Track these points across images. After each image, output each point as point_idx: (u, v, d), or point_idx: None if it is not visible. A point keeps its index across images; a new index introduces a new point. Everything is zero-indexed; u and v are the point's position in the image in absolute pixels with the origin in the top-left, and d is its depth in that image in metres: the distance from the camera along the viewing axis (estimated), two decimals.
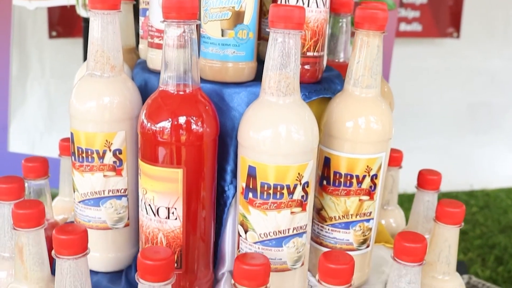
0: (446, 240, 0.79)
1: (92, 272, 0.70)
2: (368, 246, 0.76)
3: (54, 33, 2.07)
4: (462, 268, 1.70)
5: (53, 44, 2.17)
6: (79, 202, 0.74)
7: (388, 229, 0.98)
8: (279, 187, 0.64)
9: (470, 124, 2.77)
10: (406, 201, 0.96)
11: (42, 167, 0.87)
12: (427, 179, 0.90)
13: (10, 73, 1.93)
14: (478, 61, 2.71)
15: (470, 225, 2.53)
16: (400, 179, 1.03)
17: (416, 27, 2.59)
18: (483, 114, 2.77)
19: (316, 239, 0.75)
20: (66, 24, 2.09)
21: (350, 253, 0.67)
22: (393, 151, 0.99)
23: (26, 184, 0.85)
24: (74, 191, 0.75)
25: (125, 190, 0.73)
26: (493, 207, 2.67)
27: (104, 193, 0.73)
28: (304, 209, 0.66)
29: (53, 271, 0.72)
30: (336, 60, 0.92)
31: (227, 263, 0.74)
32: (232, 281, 0.62)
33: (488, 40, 2.71)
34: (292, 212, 0.66)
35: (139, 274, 0.61)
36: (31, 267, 0.71)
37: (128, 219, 0.75)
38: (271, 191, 0.64)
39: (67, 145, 0.93)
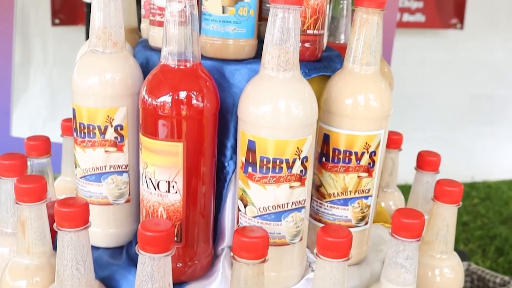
0: (444, 219, 0.80)
1: (93, 248, 0.71)
2: (366, 224, 0.76)
3: (57, 21, 2.09)
4: (462, 257, 1.70)
5: (56, 32, 2.18)
6: (81, 177, 0.75)
7: (387, 211, 0.99)
8: (278, 161, 0.65)
9: (472, 116, 2.77)
10: (407, 192, 0.97)
11: (44, 145, 0.88)
12: (426, 160, 0.91)
13: (12, 60, 1.94)
14: (481, 52, 2.72)
15: (471, 216, 2.54)
16: (402, 169, 1.04)
17: (419, 17, 2.59)
18: (485, 106, 2.78)
19: (315, 216, 0.76)
20: (69, 12, 2.10)
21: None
22: (393, 133, 1.00)
23: (28, 163, 0.86)
24: (76, 167, 0.76)
25: (126, 166, 0.74)
26: (494, 199, 2.68)
27: (105, 169, 0.74)
28: (303, 184, 0.67)
29: (54, 247, 0.73)
30: (337, 42, 0.92)
31: (227, 239, 0.75)
32: (231, 254, 0.63)
33: (492, 31, 2.71)
34: (291, 187, 0.66)
35: (139, 246, 0.62)
36: (33, 241, 0.73)
37: (129, 195, 0.76)
38: (270, 165, 0.65)
39: (70, 125, 0.94)
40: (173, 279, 0.65)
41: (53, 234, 0.75)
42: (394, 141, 0.99)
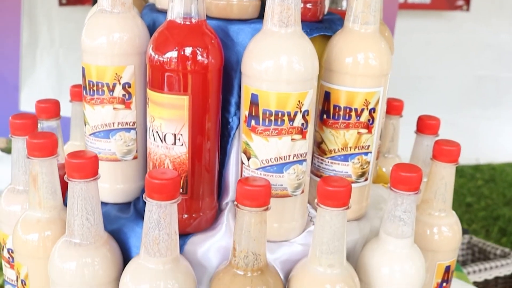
0: (442, 178, 0.83)
1: (102, 203, 0.74)
2: (366, 180, 0.79)
3: (64, 1, 2.11)
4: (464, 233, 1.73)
5: (63, 12, 2.21)
6: (90, 134, 0.78)
7: (388, 176, 1.01)
8: (280, 114, 0.68)
9: (477, 98, 2.79)
10: None
11: (54, 108, 0.92)
12: (426, 123, 0.94)
13: (21, 41, 1.97)
14: (486, 35, 2.72)
15: (475, 197, 2.56)
16: (406, 148, 1.06)
17: None
18: (490, 88, 2.79)
19: (316, 172, 0.79)
20: None
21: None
22: (394, 100, 1.02)
23: (39, 125, 0.89)
24: (85, 125, 0.79)
25: (134, 123, 0.77)
26: (498, 181, 2.70)
27: (113, 125, 0.77)
28: (304, 137, 0.70)
29: (65, 203, 0.77)
30: (339, 8, 0.95)
31: (231, 193, 0.77)
32: (235, 202, 0.66)
33: (498, 14, 2.72)
34: (292, 139, 0.69)
35: (147, 194, 0.65)
36: (44, 195, 0.76)
37: (137, 152, 0.79)
38: (272, 118, 0.68)
39: (78, 91, 0.97)
40: (179, 231, 0.68)
41: (64, 191, 0.79)
42: (395, 107, 1.01)
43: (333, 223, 0.67)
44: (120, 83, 0.75)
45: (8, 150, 1.85)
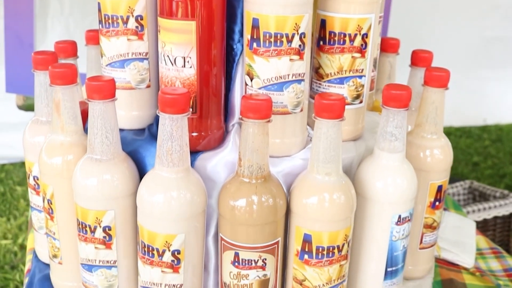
0: (433, 102, 0.91)
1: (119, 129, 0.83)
2: (361, 102, 0.87)
3: None
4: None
5: None
6: (106, 65, 0.86)
7: None
8: (279, 35, 0.76)
9: (484, 59, 2.84)
10: None
11: (72, 48, 1.00)
12: (419, 56, 1.01)
13: (34, 11, 2.03)
14: None
15: (482, 157, 2.63)
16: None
17: None
18: (498, 49, 2.83)
19: (315, 95, 0.87)
20: None
21: (345, 107, 0.78)
22: (390, 38, 1.10)
23: None
24: (101, 57, 0.87)
25: (146, 53, 0.86)
26: (505, 141, 2.76)
27: (128, 56, 0.85)
28: (301, 58, 0.78)
29: (85, 130, 0.85)
30: None
31: (236, 116, 0.86)
32: (240, 116, 0.74)
33: None
34: (291, 59, 0.77)
35: (160, 109, 0.73)
36: (66, 120, 0.84)
37: (149, 81, 0.87)
38: (272, 40, 0.76)
39: (93, 35, 1.06)
40: (190, 149, 0.77)
41: (84, 121, 0.87)
42: (391, 45, 1.09)
43: (329, 134, 0.75)
44: (133, 16, 0.83)
45: (25, 108, 1.95)
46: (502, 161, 2.58)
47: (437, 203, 0.95)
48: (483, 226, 1.48)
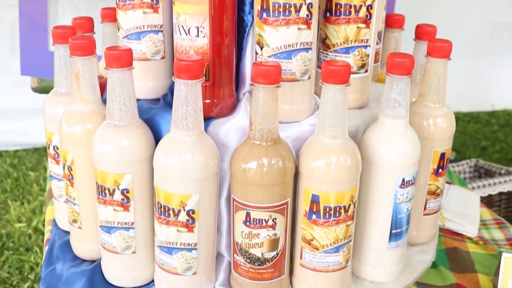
0: (436, 73, 0.95)
1: None
2: (366, 71, 0.92)
3: None
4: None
5: None
6: (123, 37, 0.92)
7: None
8: (287, 5, 0.81)
9: (492, 45, 2.87)
10: None
11: (89, 23, 1.06)
12: (423, 30, 1.06)
13: None
14: None
15: (490, 141, 2.67)
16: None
17: None
18: (506, 34, 2.86)
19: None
20: None
21: (351, 76, 0.83)
22: (395, 15, 1.15)
23: None
24: (118, 30, 0.93)
25: (161, 26, 0.91)
26: None
27: (143, 28, 0.90)
28: (309, 27, 0.83)
29: (103, 101, 0.91)
30: None
31: (247, 85, 0.91)
32: (250, 82, 0.79)
33: None
34: (299, 28, 0.82)
35: (175, 75, 0.78)
36: (85, 90, 0.90)
37: (164, 52, 0.92)
38: (281, 9, 0.81)
39: (108, 12, 1.11)
40: (203, 116, 0.82)
41: (102, 91, 0.93)
42: (396, 21, 1.14)
43: (335, 99, 0.80)
44: None
45: (39, 90, 2.00)
46: (511, 146, 2.61)
47: (440, 170, 1.00)
48: (488, 202, 1.52)
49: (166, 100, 0.92)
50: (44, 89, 1.97)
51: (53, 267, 1.00)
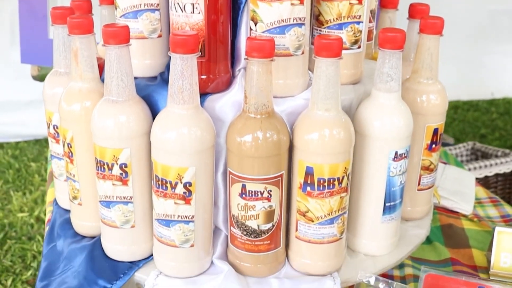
0: (428, 49, 0.98)
1: None
2: (359, 47, 0.94)
3: None
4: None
5: None
6: (120, 16, 0.94)
7: None
8: None
9: (491, 33, 2.89)
10: None
11: (87, 6, 1.08)
12: (417, 9, 1.08)
13: None
14: None
15: (489, 129, 2.69)
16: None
17: None
18: (505, 22, 2.88)
19: None
20: None
21: (343, 52, 0.86)
22: None
23: None
24: (116, 9, 0.95)
25: (158, 4, 0.93)
26: None
27: (140, 7, 0.92)
28: (302, 3, 0.85)
29: (102, 79, 0.93)
30: None
31: (242, 61, 0.93)
32: (245, 56, 0.81)
33: None
34: (292, 4, 0.85)
35: (171, 49, 0.81)
36: (84, 68, 0.92)
37: (161, 31, 0.95)
38: None
39: None
40: (199, 91, 0.84)
41: (100, 71, 0.95)
42: (391, 1, 1.16)
43: (328, 72, 0.82)
44: None
45: (39, 78, 2.03)
46: (510, 133, 2.63)
47: (433, 145, 1.02)
48: (484, 183, 1.54)
49: (163, 78, 0.94)
50: (44, 77, 1.98)
51: (54, 244, 1.02)
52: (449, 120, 2.68)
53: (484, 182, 1.54)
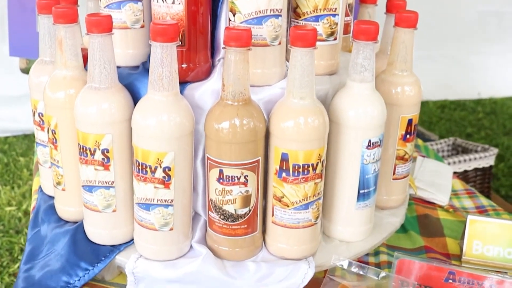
0: (403, 42, 1.02)
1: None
2: (335, 39, 0.98)
3: None
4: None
5: None
6: (104, 7, 0.98)
7: None
8: None
9: (479, 34, 2.94)
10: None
11: None
12: (394, 4, 1.12)
13: None
14: None
15: (475, 128, 2.74)
16: None
17: None
18: (492, 23, 2.93)
19: None
20: None
21: (319, 43, 0.90)
22: None
23: None
24: (100, 0, 0.98)
25: None
26: (499, 113, 2.86)
27: None
28: None
29: (85, 68, 0.96)
30: None
31: (222, 51, 0.97)
32: (222, 45, 0.85)
33: None
34: None
35: (152, 38, 0.84)
36: (68, 57, 0.95)
37: (143, 21, 0.98)
38: None
39: None
40: (179, 79, 0.87)
41: (85, 62, 0.98)
42: None
43: (303, 61, 0.86)
44: None
45: (27, 71, 2.05)
46: (495, 132, 2.68)
47: (408, 136, 1.06)
48: (464, 178, 1.58)
49: (145, 67, 0.98)
50: None
51: (38, 229, 1.06)
52: (436, 119, 2.73)
53: (463, 176, 1.58)
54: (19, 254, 2.06)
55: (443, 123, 2.70)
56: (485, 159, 1.59)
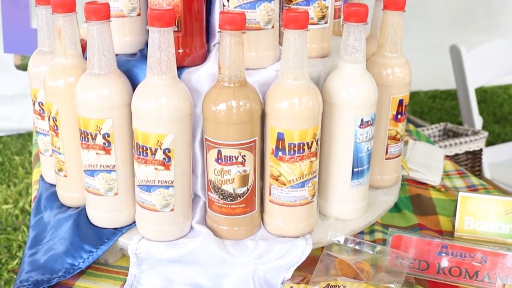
0: (392, 24, 1.05)
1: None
2: (326, 23, 1.02)
3: None
4: None
5: None
6: None
7: None
8: None
9: (468, 23, 2.98)
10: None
11: None
12: None
13: None
14: None
15: None
16: None
17: None
18: (482, 13, 2.97)
19: None
20: None
21: (311, 26, 0.93)
22: None
23: None
24: None
25: None
26: (489, 102, 2.91)
27: None
28: None
29: (85, 57, 0.99)
30: None
31: (217, 37, 1.00)
32: (218, 29, 0.89)
33: None
34: None
35: (149, 23, 0.88)
36: (67, 45, 0.99)
37: (140, 9, 1.01)
38: None
39: None
40: (177, 65, 0.91)
41: (83, 51, 1.01)
42: None
43: (296, 43, 0.90)
44: None
45: (23, 67, 2.08)
46: (486, 121, 2.72)
47: (399, 116, 1.10)
48: (455, 161, 1.62)
49: (142, 54, 1.01)
50: (27, 66, 2.04)
51: (41, 215, 1.09)
52: (427, 109, 2.77)
53: (454, 160, 1.62)
54: (17, 251, 2.09)
55: (434, 112, 2.74)
56: (476, 142, 1.63)
